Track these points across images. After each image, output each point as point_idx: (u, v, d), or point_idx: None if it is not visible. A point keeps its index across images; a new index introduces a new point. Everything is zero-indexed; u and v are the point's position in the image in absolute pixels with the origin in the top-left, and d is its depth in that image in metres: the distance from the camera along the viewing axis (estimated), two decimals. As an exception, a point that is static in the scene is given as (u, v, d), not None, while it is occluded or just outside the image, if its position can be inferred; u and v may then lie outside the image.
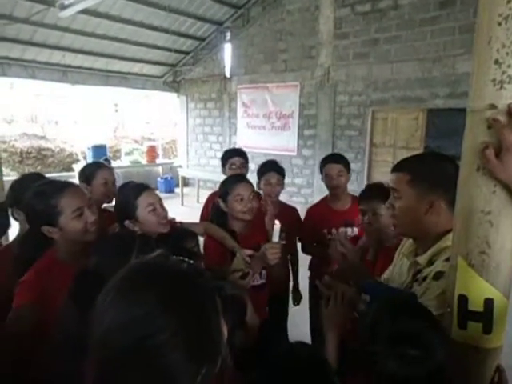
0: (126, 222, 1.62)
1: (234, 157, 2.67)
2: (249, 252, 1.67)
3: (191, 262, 0.70)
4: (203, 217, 2.52)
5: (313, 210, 2.59)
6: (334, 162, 2.42)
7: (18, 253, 1.47)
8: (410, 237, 1.32)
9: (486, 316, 0.90)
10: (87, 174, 2.19)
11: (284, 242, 1.62)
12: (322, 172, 2.46)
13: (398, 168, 1.26)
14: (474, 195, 0.89)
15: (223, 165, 2.72)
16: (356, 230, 2.39)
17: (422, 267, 1.20)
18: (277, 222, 1.53)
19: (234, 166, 2.64)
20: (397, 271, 1.39)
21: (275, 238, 1.58)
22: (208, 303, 0.65)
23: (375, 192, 1.84)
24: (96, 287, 0.93)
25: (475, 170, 0.87)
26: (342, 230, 2.36)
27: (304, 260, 2.69)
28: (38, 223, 1.35)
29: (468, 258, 0.91)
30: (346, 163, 2.43)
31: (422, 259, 1.20)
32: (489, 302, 0.89)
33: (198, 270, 0.69)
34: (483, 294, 0.90)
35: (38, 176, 1.92)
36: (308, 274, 2.63)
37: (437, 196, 1.14)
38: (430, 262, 1.17)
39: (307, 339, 2.45)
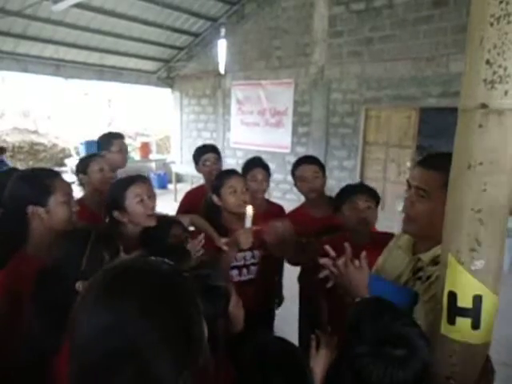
0: (115, 213, 1.63)
1: (207, 153, 2.63)
2: (225, 240, 1.74)
3: (171, 262, 0.69)
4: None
5: (290, 218, 2.27)
6: (307, 162, 2.24)
7: None
8: (420, 237, 1.25)
9: (475, 312, 0.92)
10: (82, 164, 2.27)
11: (255, 228, 1.71)
12: (294, 176, 2.26)
13: (430, 166, 1.15)
14: (464, 193, 0.90)
15: (196, 162, 2.66)
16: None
17: (425, 265, 1.19)
18: (249, 209, 1.66)
19: (208, 163, 2.59)
20: (390, 263, 1.37)
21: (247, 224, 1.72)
22: (190, 305, 0.65)
23: (363, 187, 1.94)
24: (54, 286, 0.93)
25: (466, 168, 0.88)
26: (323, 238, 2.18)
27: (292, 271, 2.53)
28: (24, 202, 1.34)
29: (458, 255, 0.92)
30: (320, 164, 2.26)
31: (426, 257, 1.18)
32: (477, 299, 0.91)
33: (179, 271, 0.68)
34: (472, 290, 0.91)
35: (16, 171, 1.88)
36: (297, 286, 2.45)
37: None
38: (434, 262, 1.14)
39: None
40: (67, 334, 0.63)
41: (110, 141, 2.64)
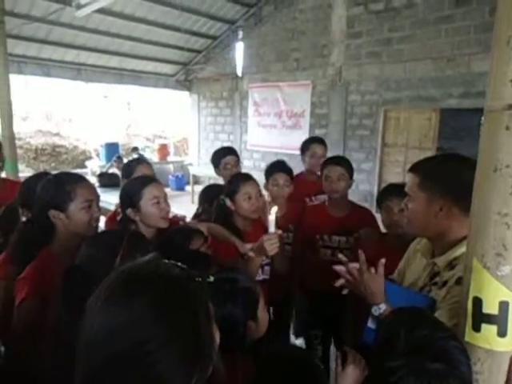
0: (128, 211, 1.64)
1: (226, 156, 2.64)
2: (249, 246, 1.63)
3: (184, 266, 0.68)
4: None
5: (308, 213, 2.45)
6: (335, 164, 2.27)
7: (18, 237, 1.48)
8: (423, 236, 1.31)
9: (501, 319, 0.89)
10: (128, 169, 2.30)
11: (280, 232, 1.58)
12: (322, 174, 2.32)
13: (411, 169, 1.25)
14: (490, 197, 0.88)
15: (216, 165, 2.67)
16: (351, 240, 2.23)
17: (441, 270, 1.18)
18: (273, 212, 1.49)
19: (229, 166, 2.60)
20: (413, 267, 1.36)
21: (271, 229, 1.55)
22: (200, 310, 0.64)
23: (400, 190, 1.84)
24: (83, 284, 0.95)
25: (492, 171, 0.86)
26: (334, 238, 2.28)
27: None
28: (46, 206, 1.39)
29: (483, 259, 0.90)
30: (348, 167, 2.27)
31: (441, 262, 1.18)
32: (504, 305, 0.88)
33: (191, 276, 0.68)
34: (498, 296, 0.89)
35: (47, 175, 1.94)
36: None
37: (448, 202, 1.11)
38: (450, 266, 1.15)
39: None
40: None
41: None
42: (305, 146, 3.00)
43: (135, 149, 9.61)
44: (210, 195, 2.45)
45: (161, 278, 0.64)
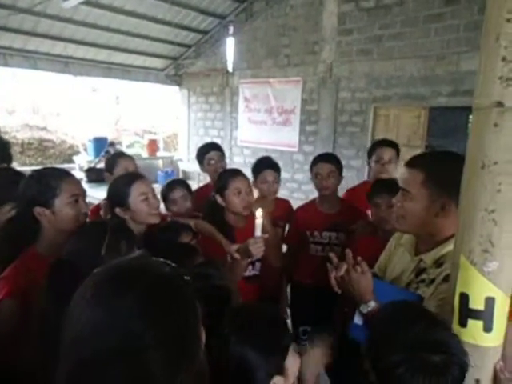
0: (117, 210, 1.61)
1: (209, 151, 2.63)
2: (235, 246, 1.63)
3: (173, 264, 0.68)
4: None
5: (299, 212, 2.45)
6: (325, 161, 2.28)
7: (1, 236, 1.45)
8: (413, 234, 1.29)
9: (487, 314, 0.90)
10: (110, 163, 2.28)
11: (266, 236, 1.58)
12: (312, 171, 2.33)
13: (411, 164, 1.18)
14: (478, 193, 0.88)
15: (200, 162, 2.66)
16: (342, 236, 2.26)
17: (428, 267, 1.18)
18: (258, 217, 1.51)
19: (212, 161, 2.59)
20: (396, 262, 1.36)
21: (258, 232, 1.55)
22: (188, 308, 0.64)
23: (390, 186, 1.78)
24: (70, 278, 0.94)
25: (480, 168, 0.87)
26: (325, 234, 2.30)
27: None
28: (31, 203, 1.35)
29: (470, 256, 0.91)
30: (338, 164, 2.30)
31: (428, 258, 1.18)
32: (490, 301, 0.89)
33: (180, 274, 0.68)
34: (484, 292, 0.90)
35: (12, 171, 1.90)
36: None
37: (450, 199, 1.08)
38: (438, 264, 1.14)
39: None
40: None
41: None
42: (371, 150, 2.67)
43: (112, 144, 9.34)
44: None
45: (150, 275, 0.64)
